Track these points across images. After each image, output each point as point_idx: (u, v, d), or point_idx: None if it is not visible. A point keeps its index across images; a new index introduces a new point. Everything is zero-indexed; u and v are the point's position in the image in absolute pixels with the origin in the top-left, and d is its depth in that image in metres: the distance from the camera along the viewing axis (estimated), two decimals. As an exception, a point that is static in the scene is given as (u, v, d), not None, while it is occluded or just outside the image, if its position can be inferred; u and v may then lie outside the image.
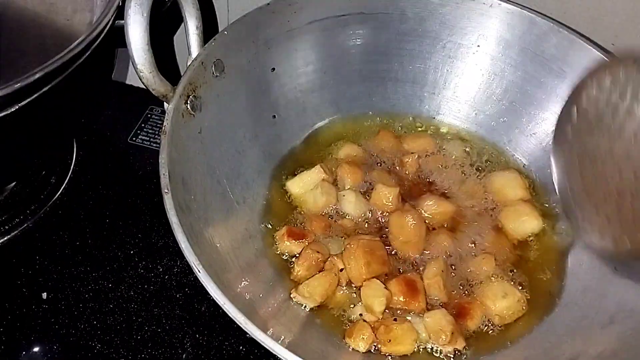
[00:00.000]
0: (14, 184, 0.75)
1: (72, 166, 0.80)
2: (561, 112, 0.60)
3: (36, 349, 0.65)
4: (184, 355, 0.66)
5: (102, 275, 0.71)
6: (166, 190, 0.51)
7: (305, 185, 0.66)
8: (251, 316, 0.46)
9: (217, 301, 0.46)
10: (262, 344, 0.45)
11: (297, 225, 0.65)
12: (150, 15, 0.53)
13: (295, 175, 0.68)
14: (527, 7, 0.69)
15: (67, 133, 0.75)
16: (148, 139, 0.85)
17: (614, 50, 0.71)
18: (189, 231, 0.51)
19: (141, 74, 0.54)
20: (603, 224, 0.56)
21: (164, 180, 0.52)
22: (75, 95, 0.64)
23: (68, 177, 0.79)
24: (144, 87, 0.57)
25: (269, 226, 0.65)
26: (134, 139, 0.85)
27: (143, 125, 0.87)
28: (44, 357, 0.64)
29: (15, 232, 0.73)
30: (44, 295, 0.68)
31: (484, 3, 0.70)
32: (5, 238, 0.72)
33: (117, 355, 0.65)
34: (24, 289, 0.69)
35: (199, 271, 0.47)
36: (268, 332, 0.45)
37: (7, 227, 0.73)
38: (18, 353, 0.65)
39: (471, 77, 0.73)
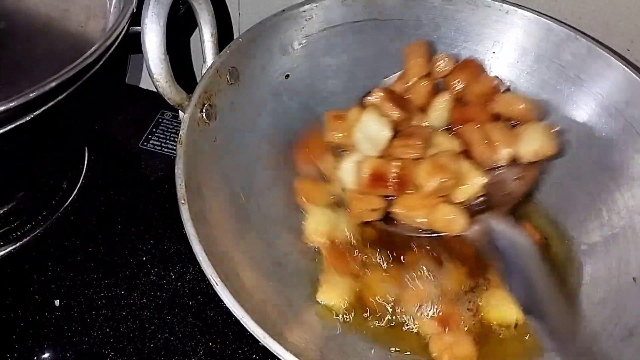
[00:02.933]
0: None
1: (83, 171, 0.80)
2: None
3: (48, 356, 0.65)
4: (196, 363, 0.65)
5: (114, 282, 0.70)
6: (183, 201, 0.51)
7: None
8: (270, 328, 0.46)
9: (235, 314, 0.46)
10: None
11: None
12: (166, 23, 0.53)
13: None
14: (544, 14, 0.68)
15: (79, 140, 0.75)
16: (159, 143, 0.85)
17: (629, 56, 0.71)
18: (205, 242, 0.50)
19: (157, 83, 0.54)
20: None
21: (181, 190, 0.51)
22: (88, 102, 0.64)
23: (80, 183, 0.79)
24: (158, 93, 0.57)
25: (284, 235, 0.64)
26: (145, 143, 0.85)
27: (154, 130, 0.86)
28: (57, 365, 0.64)
29: (27, 238, 0.72)
30: (57, 302, 0.68)
31: (500, 9, 0.69)
32: (17, 244, 0.72)
33: (131, 363, 0.65)
34: (37, 295, 0.68)
35: (216, 284, 0.47)
36: (287, 346, 0.45)
37: (18, 233, 0.73)
38: (31, 360, 0.64)
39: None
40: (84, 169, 0.80)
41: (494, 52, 0.71)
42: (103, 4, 0.68)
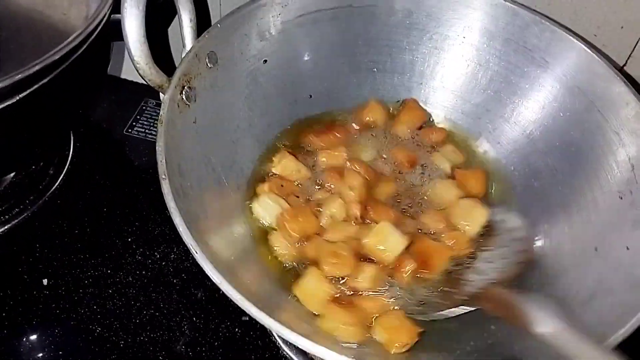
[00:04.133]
0: (12, 174, 0.77)
1: (69, 157, 0.83)
2: None
3: (37, 333, 0.67)
4: (181, 338, 0.68)
5: (100, 262, 0.73)
6: (164, 176, 0.53)
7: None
8: (247, 295, 0.48)
9: (213, 280, 0.48)
10: (259, 321, 0.47)
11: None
12: (145, 8, 0.55)
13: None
14: (510, -1, 0.71)
15: (64, 124, 0.77)
16: (143, 130, 0.87)
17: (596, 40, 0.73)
18: (185, 215, 0.53)
19: (137, 65, 0.56)
20: None
21: (162, 166, 0.54)
22: (73, 87, 0.67)
23: (66, 168, 0.81)
24: (140, 79, 0.59)
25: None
26: (129, 130, 0.87)
27: (138, 117, 0.89)
28: (46, 341, 0.67)
29: (16, 221, 0.75)
30: (45, 281, 0.71)
31: (468, -4, 0.72)
32: (6, 227, 0.74)
33: (117, 338, 0.67)
34: (25, 275, 0.71)
35: (196, 252, 0.49)
36: (263, 309, 0.48)
37: (7, 216, 0.75)
38: (20, 337, 0.67)
39: (457, 67, 0.75)
40: (70, 155, 0.83)
41: (464, 37, 0.74)
42: (80, 8, 0.70)
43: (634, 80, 0.73)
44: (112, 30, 0.65)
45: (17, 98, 0.57)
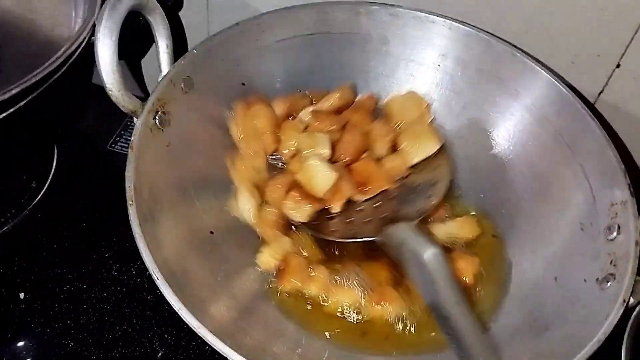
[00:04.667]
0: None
1: (52, 171, 0.84)
2: None
3: (12, 346, 0.69)
4: (152, 354, 0.69)
5: (77, 277, 0.74)
6: (131, 202, 0.55)
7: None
8: (206, 321, 0.50)
9: (173, 306, 0.50)
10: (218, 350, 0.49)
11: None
12: (122, 32, 0.57)
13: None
14: (484, 30, 0.73)
15: (47, 138, 0.78)
16: (127, 145, 0.88)
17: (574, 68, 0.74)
18: (152, 240, 0.55)
19: (110, 92, 0.58)
20: None
21: (129, 192, 0.56)
22: (54, 105, 0.68)
23: (48, 182, 0.83)
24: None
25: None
26: (113, 145, 0.89)
27: (122, 132, 0.90)
28: (20, 355, 0.68)
29: (-4, 234, 0.76)
30: (22, 295, 0.72)
31: (443, 25, 0.73)
32: (-15, 240, 0.76)
33: (89, 353, 0.69)
34: (3, 288, 0.72)
35: (157, 278, 0.51)
36: (222, 337, 0.49)
37: (-13, 229, 0.76)
38: (-6, 350, 0.68)
39: (432, 94, 0.77)
40: (53, 169, 0.84)
41: (438, 65, 0.76)
42: (68, 14, 0.72)
43: (612, 107, 0.75)
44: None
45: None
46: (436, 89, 0.77)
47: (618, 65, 0.73)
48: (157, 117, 0.62)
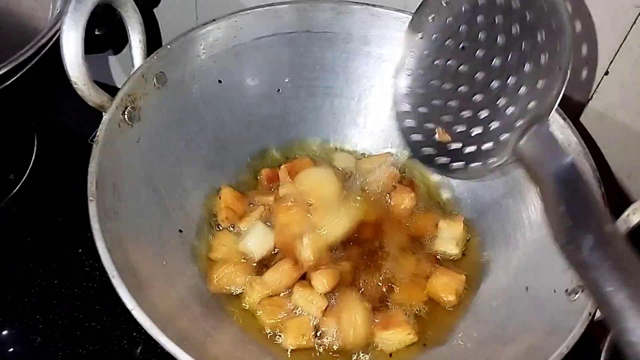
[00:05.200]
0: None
1: (30, 165, 0.83)
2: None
3: (-21, 340, 0.69)
4: (120, 352, 0.69)
5: (48, 272, 0.74)
6: (91, 198, 0.54)
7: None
8: (159, 322, 0.49)
9: (126, 305, 0.49)
10: (168, 350, 0.48)
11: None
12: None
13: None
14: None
15: (25, 132, 0.78)
16: (108, 141, 0.88)
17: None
18: (112, 237, 0.54)
19: (75, 86, 0.57)
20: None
21: (91, 188, 0.55)
22: (30, 95, 0.68)
23: (26, 175, 0.82)
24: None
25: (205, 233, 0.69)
26: (92, 140, 0.88)
27: (103, 127, 0.89)
28: (-14, 348, 0.68)
29: (-31, 226, 0.76)
30: (-9, 288, 0.72)
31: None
32: (-42, 232, 0.75)
33: (56, 349, 0.68)
34: (-27, 280, 0.72)
35: (112, 277, 0.50)
36: (173, 338, 0.48)
37: (-39, 221, 0.76)
38: (-38, 344, 0.68)
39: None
40: (31, 163, 0.84)
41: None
42: (46, 6, 0.72)
43: (600, 114, 0.74)
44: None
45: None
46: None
47: (607, 73, 0.72)
48: (126, 113, 0.62)
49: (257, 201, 0.71)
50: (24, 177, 0.82)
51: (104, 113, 0.61)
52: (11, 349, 0.69)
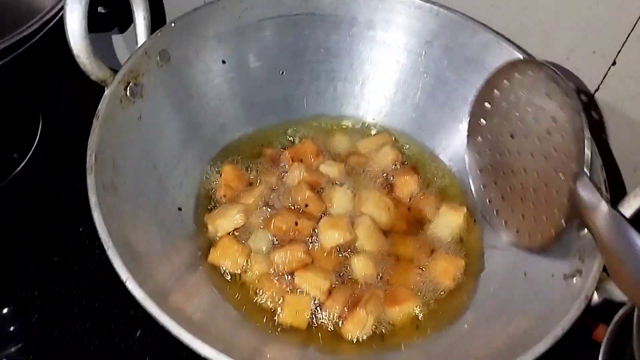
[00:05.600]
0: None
1: (34, 145, 0.84)
2: (473, 107, 0.63)
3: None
4: (116, 329, 0.69)
5: (48, 249, 0.74)
6: (90, 171, 0.54)
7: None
8: (155, 296, 0.49)
9: (120, 276, 0.49)
10: (161, 324, 0.48)
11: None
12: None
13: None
14: (471, 18, 0.71)
15: (30, 111, 0.79)
16: (112, 122, 0.88)
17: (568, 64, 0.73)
18: (110, 211, 0.54)
19: (78, 59, 0.57)
20: (518, 221, 0.60)
21: (90, 161, 0.55)
22: (34, 71, 0.68)
23: (30, 154, 0.82)
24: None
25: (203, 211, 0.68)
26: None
27: (108, 108, 0.89)
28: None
29: (-32, 204, 0.76)
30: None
31: (430, 11, 0.72)
32: (-45, 210, 0.75)
33: (53, 325, 0.68)
34: (-29, 258, 0.72)
35: (107, 248, 0.50)
36: (167, 312, 0.48)
37: (-40, 199, 0.76)
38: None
39: (417, 82, 0.75)
40: (35, 142, 0.84)
41: (424, 53, 0.74)
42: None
43: (607, 105, 0.73)
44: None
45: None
46: (421, 76, 0.75)
47: (614, 63, 0.71)
48: (128, 89, 0.62)
49: (260, 179, 0.70)
50: (28, 156, 0.82)
51: (105, 88, 0.61)
52: (8, 326, 0.69)
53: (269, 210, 0.68)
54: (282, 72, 0.76)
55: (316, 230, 0.66)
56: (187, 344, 0.48)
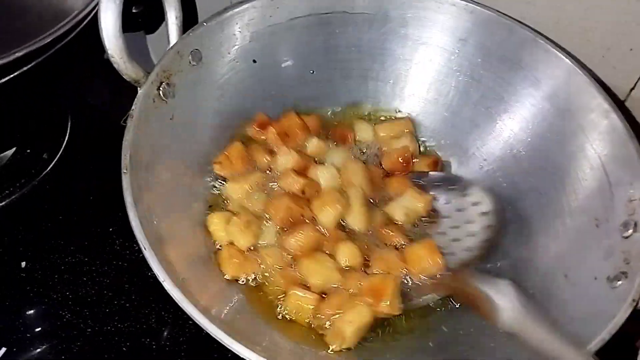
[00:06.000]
0: (9, 156, 0.79)
1: (64, 144, 0.84)
2: None
3: (8, 314, 0.69)
4: (148, 330, 0.68)
5: (79, 249, 0.74)
6: (125, 171, 0.54)
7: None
8: (190, 295, 0.48)
9: (157, 277, 0.49)
10: (197, 322, 0.47)
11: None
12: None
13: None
14: (507, 15, 0.70)
15: (60, 111, 0.80)
16: (140, 122, 0.88)
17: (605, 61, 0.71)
18: (145, 211, 0.53)
19: (112, 59, 0.57)
20: None
21: (125, 160, 0.55)
22: (64, 73, 0.69)
23: (59, 154, 0.82)
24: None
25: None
26: (126, 122, 0.88)
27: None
28: (15, 322, 0.68)
29: (3, 203, 0.76)
30: (23, 264, 0.72)
31: (465, 8, 0.70)
32: (-8, 208, 0.76)
33: (85, 325, 0.68)
34: (5, 256, 0.72)
35: (144, 248, 0.50)
36: (204, 311, 0.48)
37: (-4, 198, 0.77)
38: (-9, 316, 0.68)
39: (450, 80, 0.74)
40: (65, 142, 0.84)
41: (458, 50, 0.73)
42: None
43: None
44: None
45: (15, 74, 0.60)
46: (454, 75, 0.74)
47: (653, 60, 0.69)
48: (160, 88, 0.61)
49: (257, 162, 0.70)
50: (57, 157, 0.82)
51: (139, 88, 0.60)
52: (40, 325, 0.69)
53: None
54: (313, 72, 0.75)
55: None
56: (228, 347, 0.47)
